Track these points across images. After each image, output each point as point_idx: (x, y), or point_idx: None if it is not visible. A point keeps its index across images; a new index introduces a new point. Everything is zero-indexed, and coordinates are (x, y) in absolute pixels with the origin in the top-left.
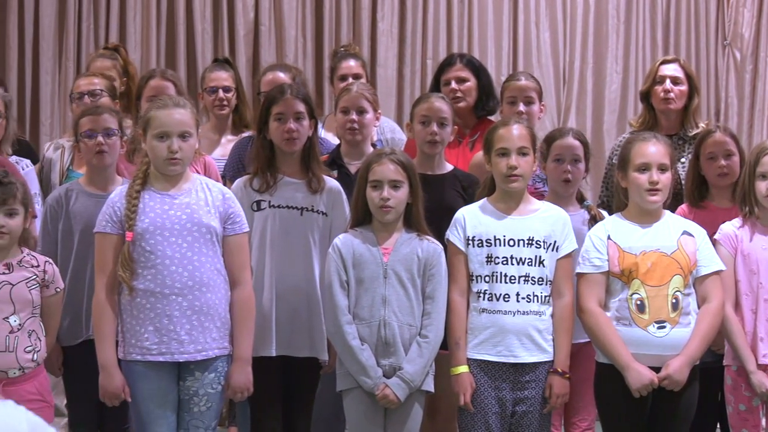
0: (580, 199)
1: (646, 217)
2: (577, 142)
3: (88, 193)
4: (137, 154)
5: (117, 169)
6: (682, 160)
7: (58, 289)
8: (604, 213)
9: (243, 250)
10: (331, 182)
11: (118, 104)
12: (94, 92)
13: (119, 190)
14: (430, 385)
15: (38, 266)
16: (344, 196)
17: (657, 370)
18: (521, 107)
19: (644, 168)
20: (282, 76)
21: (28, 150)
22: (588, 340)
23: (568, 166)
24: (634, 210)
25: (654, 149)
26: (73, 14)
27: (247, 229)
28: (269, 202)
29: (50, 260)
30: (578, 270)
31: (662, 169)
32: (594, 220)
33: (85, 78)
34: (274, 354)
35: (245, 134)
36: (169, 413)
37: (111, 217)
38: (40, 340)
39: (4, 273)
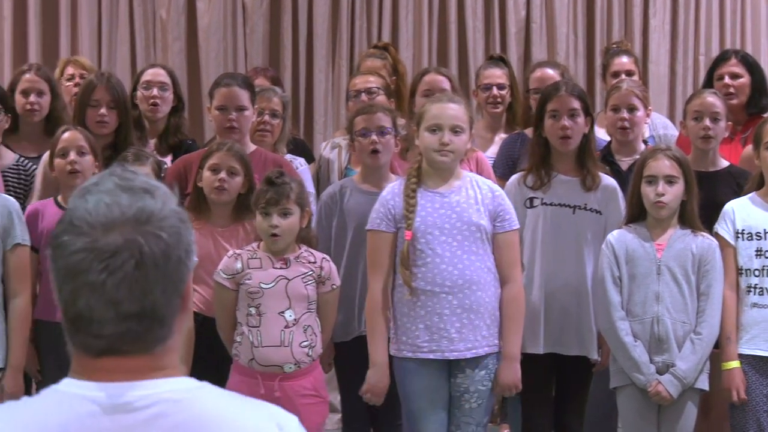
0: None
1: None
2: None
3: (361, 190)
4: (411, 152)
5: (391, 166)
6: None
7: (335, 286)
8: None
9: (513, 248)
10: (607, 180)
11: (393, 103)
12: (371, 90)
13: (391, 188)
14: (704, 383)
15: (315, 262)
16: (620, 194)
17: None
18: None
19: None
20: (550, 72)
21: (303, 148)
22: None
23: None
24: None
25: None
26: (346, 14)
27: (518, 227)
28: (542, 199)
29: (327, 257)
30: None
31: None
32: None
33: (361, 77)
34: (541, 351)
35: (514, 132)
36: (440, 410)
37: (385, 214)
38: (316, 336)
39: (281, 268)
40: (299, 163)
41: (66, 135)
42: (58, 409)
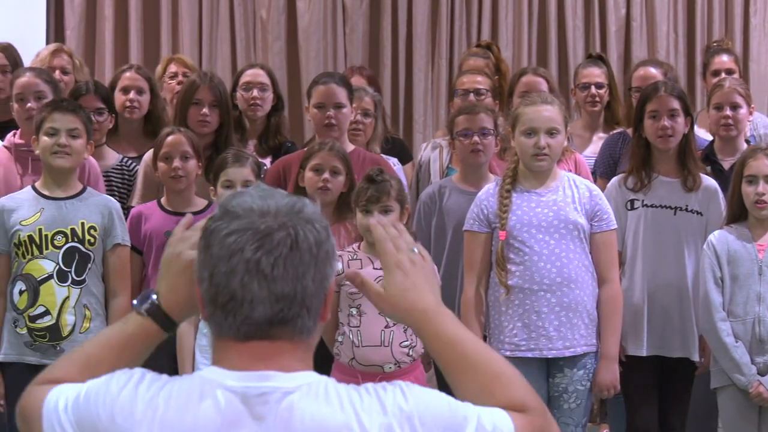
0: None
1: None
2: None
3: (460, 190)
4: (508, 151)
5: (489, 166)
6: None
7: None
8: None
9: (610, 248)
10: (708, 181)
11: (497, 104)
12: (479, 91)
13: (486, 188)
14: None
15: None
16: (720, 195)
17: None
18: None
19: None
20: (653, 71)
21: (402, 147)
22: None
23: None
24: None
25: None
26: (446, 13)
27: (615, 227)
28: (642, 201)
29: None
30: None
31: None
32: None
33: (469, 75)
34: (645, 354)
35: (616, 131)
36: None
37: (478, 215)
38: (416, 336)
39: (381, 269)
40: (392, 163)
41: (170, 139)
42: (199, 395)
